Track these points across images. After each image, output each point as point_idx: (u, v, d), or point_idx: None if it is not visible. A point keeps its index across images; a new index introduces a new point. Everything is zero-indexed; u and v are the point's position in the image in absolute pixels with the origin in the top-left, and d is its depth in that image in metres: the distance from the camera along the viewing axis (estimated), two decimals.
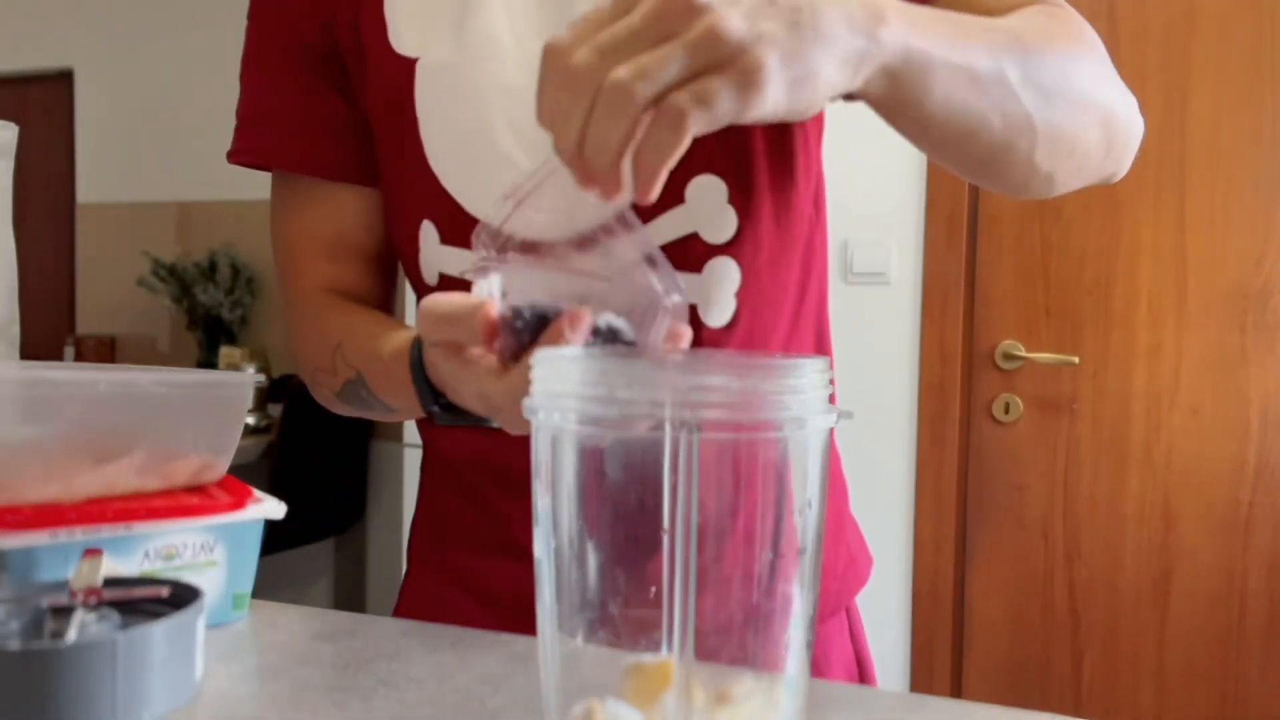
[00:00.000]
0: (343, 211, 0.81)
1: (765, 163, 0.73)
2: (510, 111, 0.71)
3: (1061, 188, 0.65)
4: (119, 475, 0.64)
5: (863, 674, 0.84)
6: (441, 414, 0.63)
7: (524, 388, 0.49)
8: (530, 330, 0.52)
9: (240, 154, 0.82)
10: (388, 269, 0.85)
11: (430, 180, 0.73)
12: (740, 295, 0.73)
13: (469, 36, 0.72)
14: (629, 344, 0.53)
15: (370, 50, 0.76)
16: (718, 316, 0.73)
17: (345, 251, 0.81)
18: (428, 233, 0.75)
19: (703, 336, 0.72)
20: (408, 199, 0.77)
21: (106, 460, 0.63)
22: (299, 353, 0.82)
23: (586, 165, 0.46)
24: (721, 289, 0.73)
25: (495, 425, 0.59)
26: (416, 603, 0.84)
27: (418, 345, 0.63)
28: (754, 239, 0.73)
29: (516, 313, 0.52)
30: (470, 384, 0.55)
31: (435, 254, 0.75)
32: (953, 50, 0.53)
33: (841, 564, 0.82)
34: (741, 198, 0.72)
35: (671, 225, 0.71)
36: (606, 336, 0.52)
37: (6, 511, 0.58)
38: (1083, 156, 0.63)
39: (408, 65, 0.74)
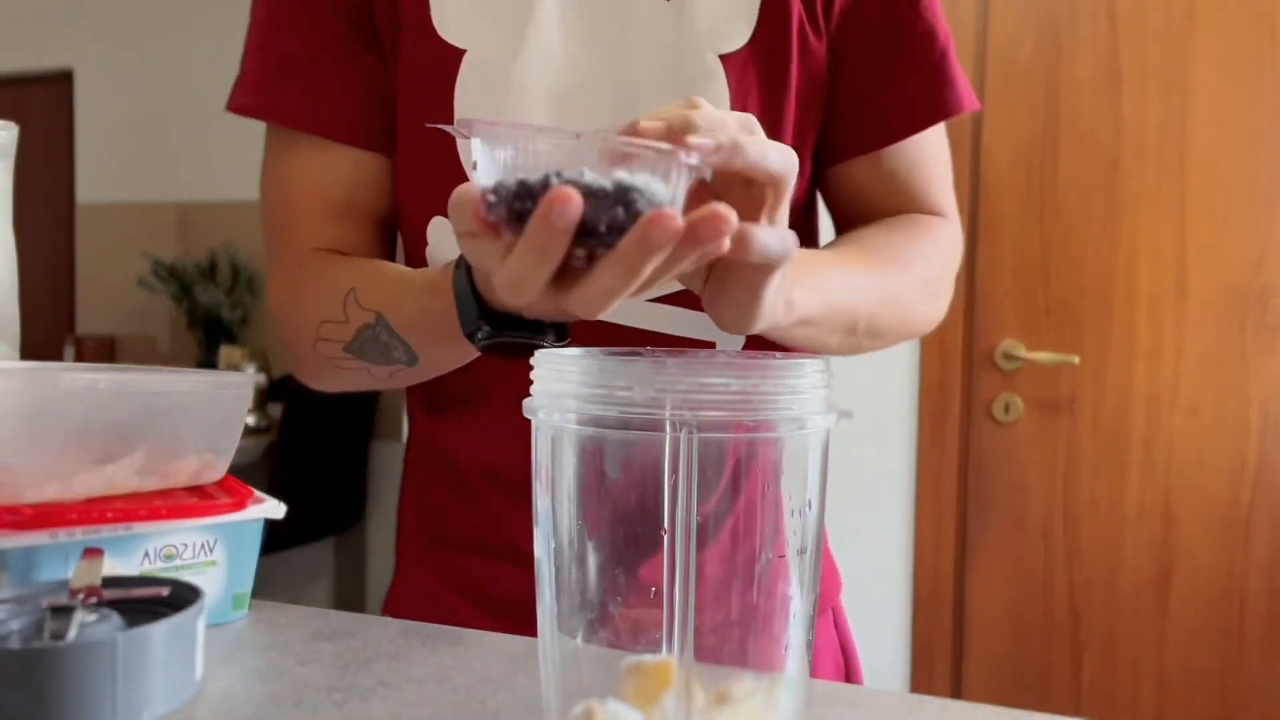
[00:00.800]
0: (356, 173, 0.78)
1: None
2: (555, 120, 0.71)
3: None
4: (119, 475, 0.64)
5: (848, 665, 0.85)
6: (486, 334, 0.59)
7: (520, 274, 0.46)
8: (507, 205, 0.46)
9: (249, 107, 0.78)
10: (393, 237, 0.82)
11: (458, 174, 0.73)
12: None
13: (523, 40, 0.72)
14: (641, 205, 0.44)
15: (409, 27, 0.75)
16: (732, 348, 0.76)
17: (353, 212, 0.78)
18: (443, 225, 0.75)
19: None
20: (428, 186, 0.75)
21: (106, 460, 0.63)
22: (294, 313, 0.76)
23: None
24: None
25: (547, 342, 0.57)
26: (407, 599, 0.84)
27: (463, 263, 0.60)
28: None
29: (497, 189, 0.46)
30: (487, 267, 0.50)
31: (447, 245, 0.75)
32: (828, 314, 0.67)
33: (825, 568, 0.83)
34: None
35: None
36: (615, 199, 0.44)
37: (6, 511, 0.58)
38: (882, 348, 0.81)
39: (453, 55, 0.73)
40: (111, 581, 0.55)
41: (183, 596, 0.54)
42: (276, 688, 0.55)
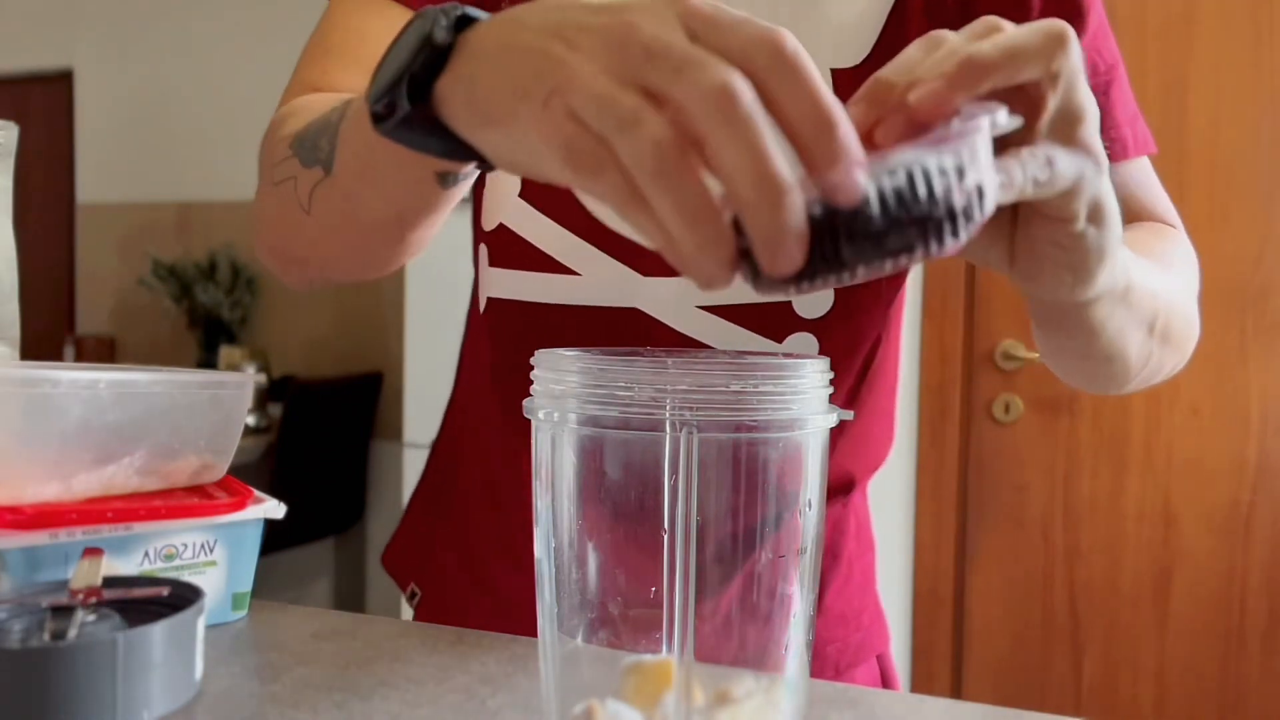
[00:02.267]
0: None
1: None
2: None
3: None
4: (119, 475, 0.64)
5: None
6: (392, 111, 0.42)
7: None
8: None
9: None
10: None
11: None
12: None
13: None
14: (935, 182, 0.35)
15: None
16: None
17: None
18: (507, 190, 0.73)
19: None
20: None
21: (106, 460, 0.63)
22: (271, 137, 0.66)
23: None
24: None
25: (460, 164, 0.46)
26: (408, 550, 0.84)
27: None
28: (841, 321, 0.72)
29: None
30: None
31: (503, 202, 0.74)
32: (1139, 295, 0.57)
33: (868, 617, 0.81)
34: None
35: None
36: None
37: (6, 511, 0.58)
38: (1157, 378, 0.70)
39: None
40: (111, 581, 0.55)
41: (183, 596, 0.54)
42: (276, 688, 0.55)
